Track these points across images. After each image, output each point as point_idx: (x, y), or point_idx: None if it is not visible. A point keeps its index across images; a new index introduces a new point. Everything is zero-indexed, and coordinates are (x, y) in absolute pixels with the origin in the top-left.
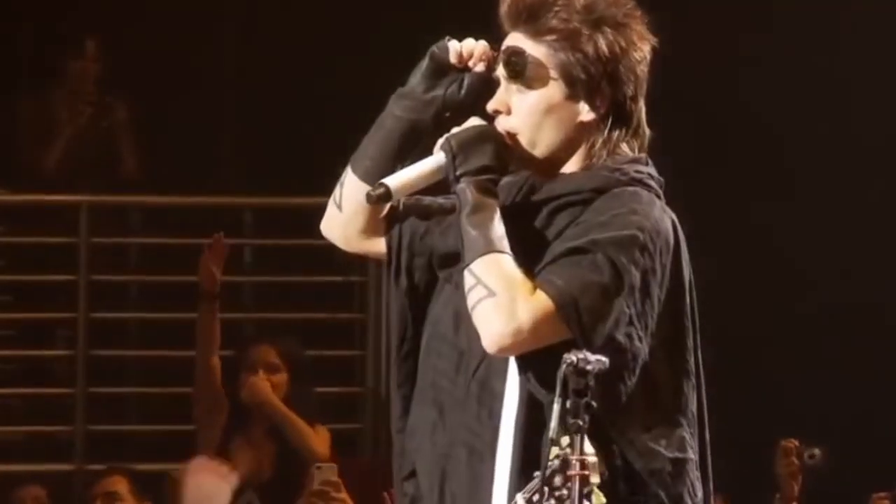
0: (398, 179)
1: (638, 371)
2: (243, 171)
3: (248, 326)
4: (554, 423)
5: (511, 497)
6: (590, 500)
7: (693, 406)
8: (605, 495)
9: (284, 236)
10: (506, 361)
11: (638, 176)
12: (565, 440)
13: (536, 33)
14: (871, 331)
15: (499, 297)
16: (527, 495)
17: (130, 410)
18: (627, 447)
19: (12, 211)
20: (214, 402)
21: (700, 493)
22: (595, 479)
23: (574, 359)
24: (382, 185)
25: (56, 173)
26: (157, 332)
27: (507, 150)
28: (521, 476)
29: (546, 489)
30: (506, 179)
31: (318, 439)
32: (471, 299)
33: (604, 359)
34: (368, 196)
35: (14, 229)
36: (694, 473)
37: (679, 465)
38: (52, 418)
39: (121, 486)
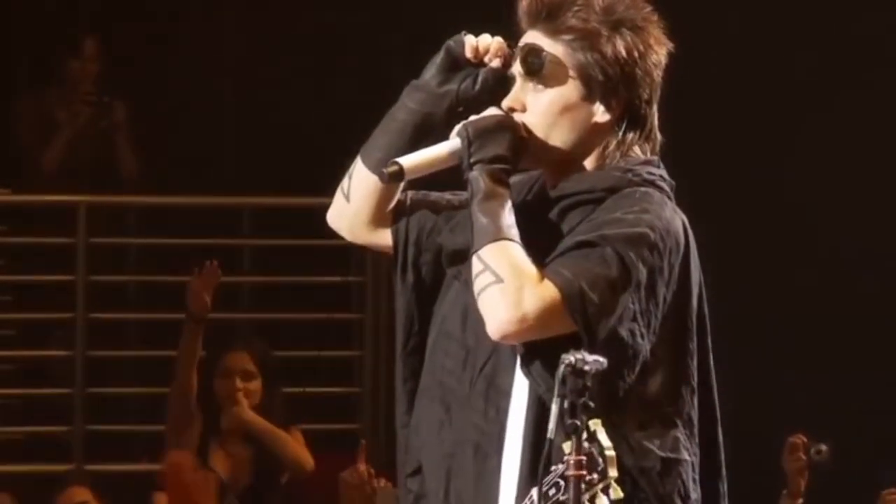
0: (412, 159)
1: (637, 368)
2: (242, 171)
3: (247, 327)
4: (552, 423)
5: (521, 493)
6: (607, 495)
7: (691, 409)
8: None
9: (283, 236)
10: (513, 358)
11: (650, 177)
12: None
13: (555, 32)
14: (880, 325)
15: (506, 284)
16: (543, 489)
17: (129, 411)
18: (620, 443)
19: (11, 211)
20: (187, 421)
21: (694, 495)
22: (613, 472)
23: (572, 359)
24: (396, 163)
25: (54, 173)
26: (155, 333)
27: (522, 143)
28: (530, 472)
29: (562, 483)
30: (517, 177)
31: (299, 445)
32: (477, 285)
33: (602, 359)
34: (381, 174)
35: (12, 229)
36: (688, 475)
37: (669, 464)
38: (51, 419)
39: (87, 495)
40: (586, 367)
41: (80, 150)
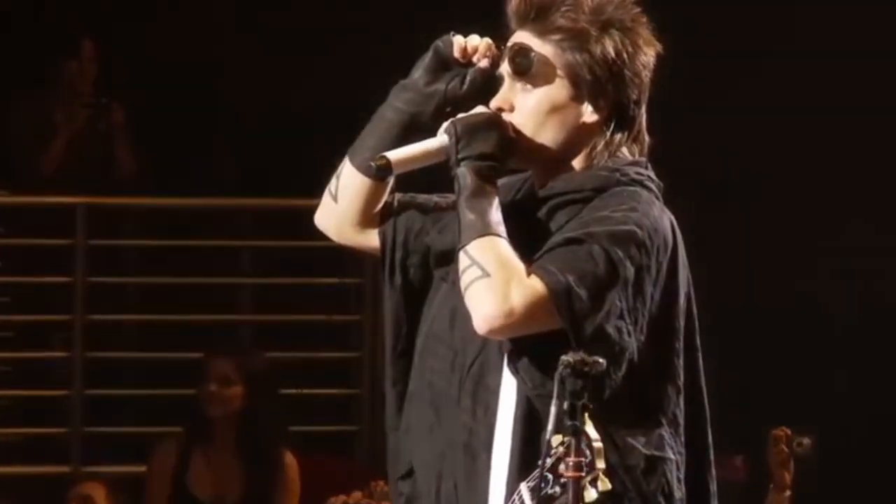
0: (399, 153)
1: (624, 366)
2: (240, 172)
3: (245, 329)
4: (551, 425)
5: (510, 491)
6: (595, 487)
7: (676, 408)
8: None
9: (281, 238)
10: (501, 357)
11: (638, 177)
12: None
13: (543, 32)
14: (865, 320)
15: (493, 279)
16: (531, 483)
17: (127, 412)
18: (605, 441)
19: (9, 212)
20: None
21: (678, 494)
22: (601, 464)
23: (571, 360)
24: (383, 157)
25: (53, 175)
26: (153, 334)
27: (510, 142)
28: (520, 470)
29: (550, 476)
30: (505, 179)
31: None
32: (464, 280)
33: (601, 360)
34: (369, 167)
35: (11, 231)
36: (672, 473)
37: (653, 462)
38: (49, 420)
39: (97, 491)
40: (586, 369)
41: (79, 152)
